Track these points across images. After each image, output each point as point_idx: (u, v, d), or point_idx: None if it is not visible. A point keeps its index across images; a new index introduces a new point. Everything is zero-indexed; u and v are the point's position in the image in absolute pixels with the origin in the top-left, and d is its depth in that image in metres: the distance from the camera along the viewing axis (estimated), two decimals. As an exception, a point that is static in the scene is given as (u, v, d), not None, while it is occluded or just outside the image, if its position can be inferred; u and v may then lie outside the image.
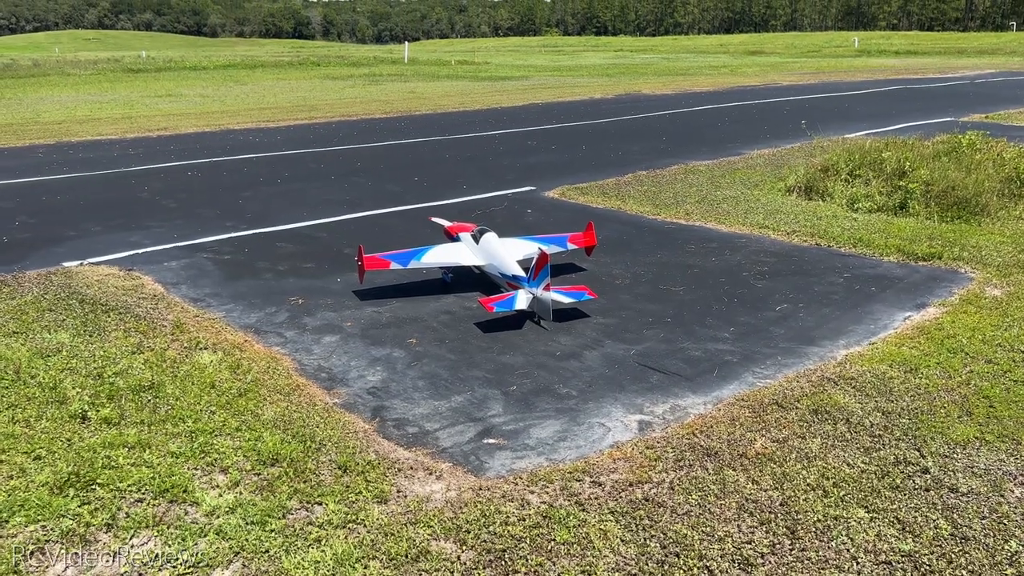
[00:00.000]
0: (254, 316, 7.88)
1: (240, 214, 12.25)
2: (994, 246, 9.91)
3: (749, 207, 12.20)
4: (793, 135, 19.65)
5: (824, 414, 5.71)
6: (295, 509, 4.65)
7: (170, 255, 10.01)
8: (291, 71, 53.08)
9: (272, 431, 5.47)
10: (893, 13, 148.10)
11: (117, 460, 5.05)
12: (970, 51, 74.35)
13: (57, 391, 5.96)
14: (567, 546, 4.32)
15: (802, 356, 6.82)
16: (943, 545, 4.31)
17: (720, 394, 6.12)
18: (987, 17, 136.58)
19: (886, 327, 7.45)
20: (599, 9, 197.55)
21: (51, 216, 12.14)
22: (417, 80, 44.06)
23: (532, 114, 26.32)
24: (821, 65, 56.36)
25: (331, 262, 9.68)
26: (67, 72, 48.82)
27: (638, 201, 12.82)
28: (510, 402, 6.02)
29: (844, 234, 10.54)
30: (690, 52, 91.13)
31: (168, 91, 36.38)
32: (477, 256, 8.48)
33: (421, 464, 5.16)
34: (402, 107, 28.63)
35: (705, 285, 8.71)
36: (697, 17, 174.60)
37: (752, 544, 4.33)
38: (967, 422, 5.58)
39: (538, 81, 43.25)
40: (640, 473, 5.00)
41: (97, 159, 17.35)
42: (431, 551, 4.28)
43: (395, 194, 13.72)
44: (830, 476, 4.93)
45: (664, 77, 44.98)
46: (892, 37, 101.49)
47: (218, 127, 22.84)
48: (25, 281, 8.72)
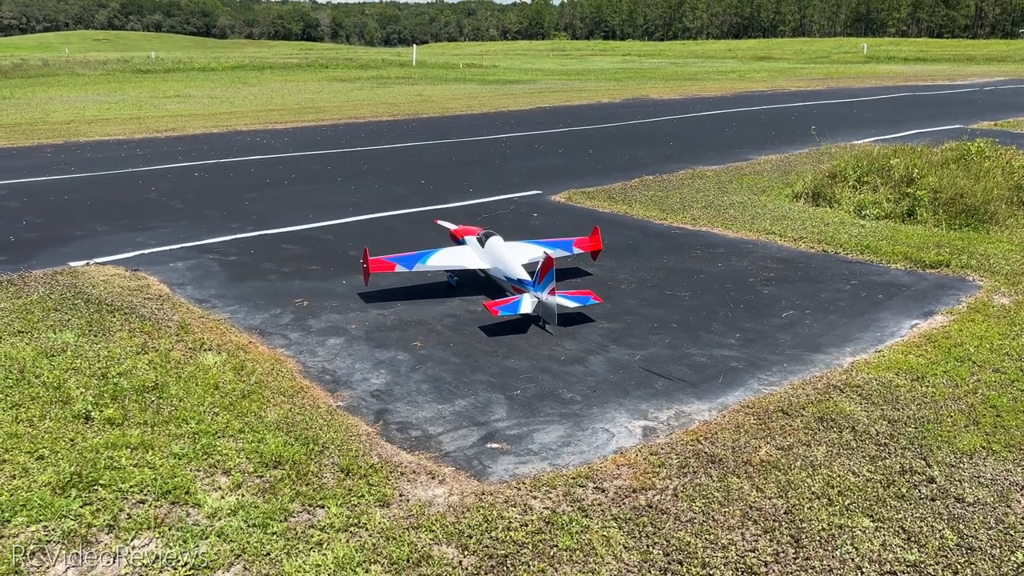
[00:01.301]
0: (259, 317, 7.88)
1: (246, 215, 12.27)
2: (1002, 254, 9.86)
3: (756, 213, 12.16)
4: (801, 141, 19.60)
5: (830, 422, 5.68)
6: (297, 512, 4.64)
7: (176, 256, 10.02)
8: (299, 73, 53.18)
9: (275, 433, 5.46)
10: (902, 20, 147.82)
11: (120, 461, 5.05)
12: (979, 58, 74.12)
13: (61, 391, 5.96)
14: (570, 552, 4.30)
15: (808, 363, 6.78)
16: (948, 555, 4.27)
17: (725, 401, 6.09)
18: (997, 24, 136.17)
19: (893, 335, 7.41)
20: (607, 13, 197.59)
21: (58, 216, 12.17)
22: (425, 83, 44.12)
23: (539, 118, 26.32)
24: (829, 71, 56.24)
25: (336, 264, 9.68)
26: (76, 72, 49.01)
27: (645, 206, 12.79)
28: (514, 407, 6.00)
29: (851, 241, 10.49)
30: (698, 57, 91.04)
31: (176, 92, 36.49)
32: (482, 259, 8.46)
33: (424, 468, 5.14)
34: (409, 110, 28.66)
35: (711, 291, 8.68)
36: (706, 22, 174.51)
37: (756, 552, 4.30)
38: (974, 431, 5.54)
39: (545, 85, 43.27)
40: (644, 479, 4.97)
41: (105, 159, 17.40)
42: (433, 556, 4.26)
43: (401, 197, 13.73)
44: (835, 484, 4.90)
45: (672, 82, 44.95)
46: (901, 44, 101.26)
47: (226, 128, 22.89)
48: (31, 280, 8.74)
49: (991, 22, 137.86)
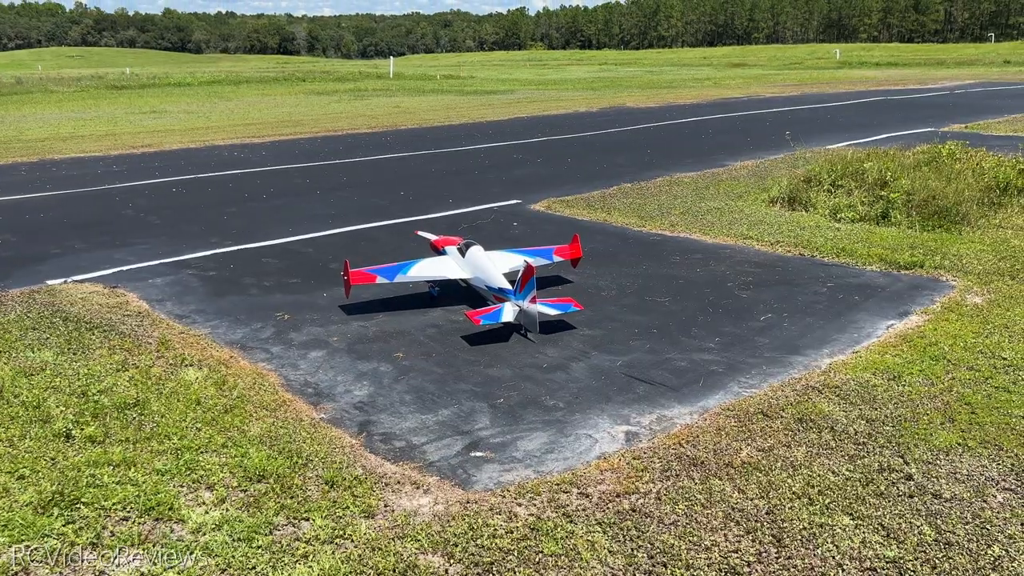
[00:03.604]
0: (240, 332, 7.86)
1: (225, 230, 12.23)
2: (975, 254, 10.02)
3: (733, 218, 12.28)
4: (776, 146, 19.82)
5: (809, 422, 5.75)
6: (282, 525, 4.63)
7: (155, 272, 9.97)
8: (276, 87, 53.06)
9: (258, 447, 5.46)
10: (874, 25, 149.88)
11: (102, 478, 5.02)
12: (949, 62, 75.32)
13: (41, 410, 5.92)
14: (555, 558, 4.33)
15: (787, 365, 6.86)
16: (927, 551, 4.34)
17: (706, 404, 6.16)
18: (966, 29, 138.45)
19: (869, 335, 7.51)
20: (583, 23, 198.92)
21: (34, 234, 12.07)
22: (402, 95, 44.16)
23: (517, 128, 26.43)
24: (803, 77, 56.90)
25: (317, 277, 9.67)
26: (50, 89, 48.63)
27: (623, 213, 12.89)
28: (497, 415, 6.03)
29: (827, 244, 10.63)
30: (674, 65, 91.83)
31: (152, 108, 36.30)
32: (463, 269, 8.50)
33: (408, 478, 5.15)
34: (387, 122, 28.69)
35: (690, 296, 8.76)
36: (680, 30, 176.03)
37: (739, 553, 4.35)
38: (950, 429, 5.63)
39: (523, 95, 43.45)
40: (627, 484, 5.01)
41: (81, 176, 17.28)
42: (419, 565, 4.27)
43: (381, 208, 13.74)
44: (815, 484, 4.97)
45: (648, 90, 45.30)
46: (873, 49, 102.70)
47: (203, 143, 22.80)
48: (8, 299, 8.66)
49: (960, 27, 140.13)
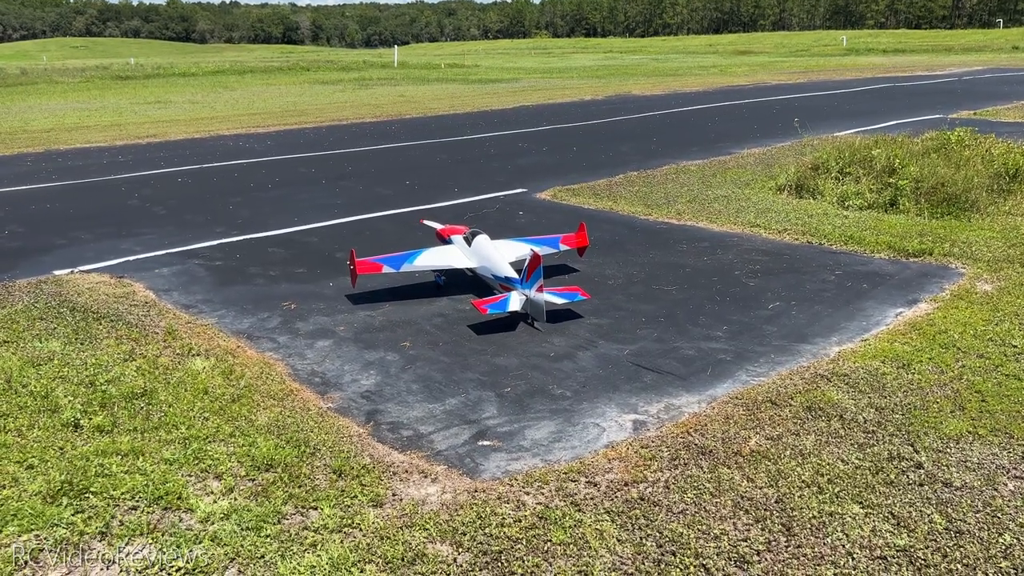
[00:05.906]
0: (246, 322, 7.86)
1: (231, 220, 12.22)
2: (984, 241, 9.96)
3: (740, 206, 12.23)
4: (783, 134, 19.71)
5: (818, 411, 5.73)
6: (290, 514, 4.63)
7: (161, 262, 9.97)
8: (280, 76, 52.98)
9: (266, 436, 5.46)
10: (881, 12, 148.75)
11: (110, 468, 5.03)
12: (957, 48, 74.72)
13: (49, 400, 5.93)
14: (563, 547, 4.32)
15: (795, 354, 6.84)
16: (938, 539, 4.32)
17: (714, 393, 6.13)
18: (974, 14, 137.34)
19: (878, 323, 7.47)
20: (588, 11, 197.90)
21: (40, 225, 12.09)
22: (407, 84, 44.04)
23: (523, 116, 26.34)
24: (810, 64, 56.56)
25: (323, 266, 9.66)
26: (55, 80, 48.61)
27: (630, 202, 12.84)
28: (504, 404, 6.02)
29: (835, 232, 10.57)
30: (679, 53, 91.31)
31: (157, 98, 36.27)
32: (470, 258, 8.47)
33: (416, 467, 5.15)
34: (392, 111, 28.62)
35: (697, 284, 8.72)
36: (686, 18, 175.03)
37: (748, 541, 4.33)
38: (960, 417, 5.60)
39: (528, 83, 43.29)
40: (635, 473, 5.00)
41: (86, 167, 17.29)
42: (427, 554, 4.27)
43: (386, 198, 13.71)
44: (824, 473, 4.95)
45: (654, 78, 45.08)
46: (880, 35, 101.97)
47: (208, 133, 22.79)
48: (15, 290, 8.67)
49: (968, 12, 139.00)
